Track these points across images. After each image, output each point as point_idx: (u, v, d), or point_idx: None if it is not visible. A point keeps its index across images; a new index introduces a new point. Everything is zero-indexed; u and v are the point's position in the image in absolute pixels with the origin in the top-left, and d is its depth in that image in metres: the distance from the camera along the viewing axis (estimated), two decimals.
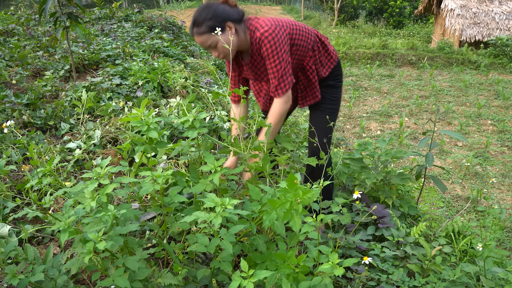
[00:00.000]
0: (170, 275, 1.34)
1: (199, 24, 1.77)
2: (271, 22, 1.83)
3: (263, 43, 1.79)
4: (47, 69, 4.29)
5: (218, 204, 1.21)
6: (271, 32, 1.78)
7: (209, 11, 1.76)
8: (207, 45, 1.81)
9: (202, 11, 1.78)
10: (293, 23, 1.94)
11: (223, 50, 1.81)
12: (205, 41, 1.79)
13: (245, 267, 1.14)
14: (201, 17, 1.77)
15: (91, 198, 1.19)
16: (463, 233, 2.31)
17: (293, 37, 1.90)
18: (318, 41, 2.05)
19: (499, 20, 11.77)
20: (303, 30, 1.96)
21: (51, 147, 2.51)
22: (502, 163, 5.50)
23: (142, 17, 7.56)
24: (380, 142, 2.38)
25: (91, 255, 1.10)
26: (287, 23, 1.90)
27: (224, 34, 1.77)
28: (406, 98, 8.28)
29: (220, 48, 1.81)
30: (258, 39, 1.81)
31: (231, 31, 1.79)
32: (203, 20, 1.76)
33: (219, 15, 1.77)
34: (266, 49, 1.80)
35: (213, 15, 1.76)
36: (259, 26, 1.82)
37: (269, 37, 1.78)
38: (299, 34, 1.92)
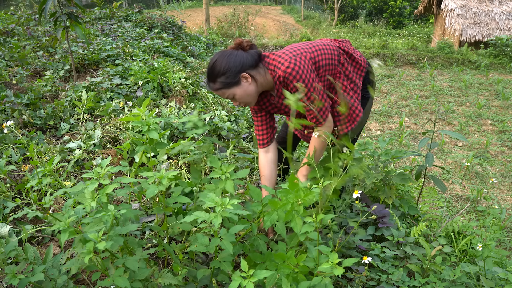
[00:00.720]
0: (170, 275, 1.34)
1: (213, 81, 1.69)
2: (289, 54, 1.70)
3: (288, 80, 1.67)
4: (47, 69, 4.29)
5: (218, 204, 1.21)
6: (293, 66, 1.65)
7: (221, 65, 1.66)
8: (224, 97, 1.76)
9: (214, 65, 1.68)
10: (311, 45, 1.81)
11: (242, 100, 1.74)
12: (221, 94, 1.72)
13: (245, 267, 1.15)
14: (214, 73, 1.68)
15: (91, 198, 1.19)
16: (463, 233, 2.31)
17: (316, 59, 1.77)
18: (342, 53, 1.90)
19: (499, 20, 11.77)
20: (324, 48, 1.82)
21: (51, 147, 2.51)
22: (502, 163, 5.50)
23: (142, 17, 7.56)
24: (380, 142, 2.38)
25: (91, 255, 1.10)
26: (305, 48, 1.77)
27: (240, 86, 1.69)
28: (406, 98, 8.28)
29: (239, 99, 1.73)
30: (282, 78, 1.69)
31: (248, 81, 1.69)
32: (215, 77, 1.67)
33: (231, 68, 1.66)
34: (294, 85, 1.68)
35: (225, 69, 1.66)
36: (278, 64, 1.69)
37: (293, 72, 1.65)
38: (321, 55, 1.79)
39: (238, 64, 1.67)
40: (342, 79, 1.87)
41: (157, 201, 2.06)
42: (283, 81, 1.69)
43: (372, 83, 2.03)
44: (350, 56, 1.93)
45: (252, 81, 1.70)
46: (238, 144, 3.14)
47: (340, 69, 1.88)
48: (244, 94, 1.71)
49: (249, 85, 1.70)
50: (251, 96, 1.74)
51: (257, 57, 1.73)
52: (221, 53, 1.70)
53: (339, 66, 1.87)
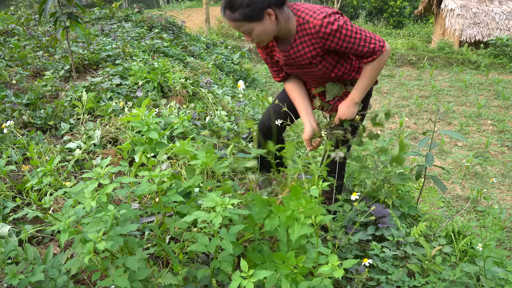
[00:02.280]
0: (170, 275, 1.34)
1: (233, 9, 1.54)
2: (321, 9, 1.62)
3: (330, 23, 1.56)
4: (47, 69, 4.29)
5: (218, 204, 1.21)
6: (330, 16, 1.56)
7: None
8: (239, 30, 1.62)
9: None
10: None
11: (258, 38, 1.63)
12: (237, 26, 1.59)
13: (245, 267, 1.14)
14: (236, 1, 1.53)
15: (91, 198, 1.19)
16: (463, 233, 2.31)
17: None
18: None
19: (499, 20, 11.77)
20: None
21: (51, 147, 2.51)
22: (502, 163, 5.50)
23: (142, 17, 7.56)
24: (380, 142, 2.37)
25: (91, 255, 1.10)
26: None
27: (262, 23, 1.57)
28: (406, 98, 8.28)
29: (255, 36, 1.62)
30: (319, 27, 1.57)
31: (271, 19, 1.58)
32: (237, 6, 1.52)
33: (259, 1, 1.52)
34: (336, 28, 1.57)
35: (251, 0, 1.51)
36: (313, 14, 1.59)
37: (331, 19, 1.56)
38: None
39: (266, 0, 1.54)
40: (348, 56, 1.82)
41: (157, 201, 2.06)
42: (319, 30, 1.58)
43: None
44: None
45: (275, 20, 1.60)
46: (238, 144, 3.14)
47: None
48: (263, 32, 1.60)
49: (271, 23, 1.59)
50: (269, 35, 1.63)
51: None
52: None
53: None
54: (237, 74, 6.65)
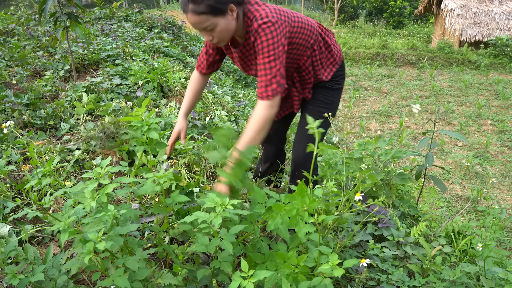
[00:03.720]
0: (170, 275, 1.34)
1: (198, 1, 1.46)
2: (273, 13, 1.58)
3: (259, 35, 1.55)
4: (47, 69, 4.29)
5: (218, 204, 1.21)
6: (271, 25, 1.54)
7: None
8: (201, 27, 1.53)
9: None
10: (296, 16, 1.70)
11: (220, 35, 1.56)
12: (201, 22, 1.50)
13: (245, 267, 1.14)
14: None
15: (91, 198, 1.19)
16: (463, 233, 2.31)
17: (293, 35, 1.68)
18: (320, 40, 1.83)
19: (499, 20, 11.77)
20: (306, 27, 1.73)
21: (51, 147, 2.51)
22: (502, 163, 5.50)
23: (142, 17, 7.56)
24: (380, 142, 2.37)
25: (91, 255, 1.10)
26: (290, 16, 1.66)
27: (225, 18, 1.51)
28: (406, 98, 8.28)
29: (217, 33, 1.55)
30: (254, 31, 1.56)
31: (233, 15, 1.54)
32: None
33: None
34: (261, 41, 1.55)
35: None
36: (258, 16, 1.56)
37: (267, 29, 1.53)
38: (300, 32, 1.70)
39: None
40: (309, 63, 1.81)
41: (157, 202, 2.06)
42: (254, 34, 1.57)
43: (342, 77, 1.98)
44: (327, 48, 1.87)
45: (236, 17, 1.56)
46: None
47: (310, 53, 1.80)
48: (225, 28, 1.54)
49: (232, 19, 1.54)
50: (229, 33, 1.58)
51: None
52: None
53: (310, 50, 1.79)
54: (237, 74, 6.65)
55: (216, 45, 1.74)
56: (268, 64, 1.57)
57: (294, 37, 1.68)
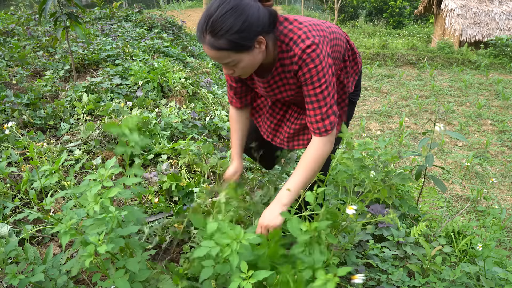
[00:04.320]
0: (170, 282, 1.32)
1: (217, 33, 1.17)
2: (312, 31, 1.29)
3: (305, 62, 1.28)
4: (47, 69, 4.29)
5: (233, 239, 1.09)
6: (315, 48, 1.26)
7: (238, 18, 1.16)
8: (221, 62, 1.28)
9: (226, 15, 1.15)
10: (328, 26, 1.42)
11: (243, 71, 1.32)
12: (221, 57, 1.24)
13: (244, 268, 1.13)
14: (223, 26, 1.16)
15: (94, 201, 1.18)
16: (463, 233, 2.31)
17: (332, 49, 1.38)
18: (349, 49, 1.56)
19: (499, 20, 11.77)
20: (339, 37, 1.45)
21: (51, 147, 2.51)
22: (502, 163, 5.50)
23: (142, 17, 7.57)
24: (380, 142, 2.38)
25: (91, 258, 1.09)
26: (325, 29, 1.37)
27: (251, 53, 1.25)
28: (406, 98, 8.28)
29: (239, 69, 1.30)
30: (297, 58, 1.28)
31: (261, 48, 1.26)
32: (226, 30, 1.16)
33: (252, 27, 1.19)
34: (309, 70, 1.28)
35: (243, 25, 1.17)
36: (296, 38, 1.28)
37: (313, 54, 1.26)
38: (336, 45, 1.41)
39: (260, 23, 1.20)
40: (342, 77, 1.54)
41: (156, 202, 2.06)
42: (296, 61, 1.29)
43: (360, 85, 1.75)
44: (353, 55, 1.59)
45: (264, 49, 1.28)
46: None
47: (343, 65, 1.54)
48: (250, 63, 1.28)
49: (260, 52, 1.27)
50: (254, 67, 1.32)
51: (274, 19, 1.29)
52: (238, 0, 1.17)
53: (343, 61, 1.53)
54: None
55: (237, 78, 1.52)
56: (321, 94, 1.32)
57: (333, 51, 1.40)
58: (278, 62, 1.35)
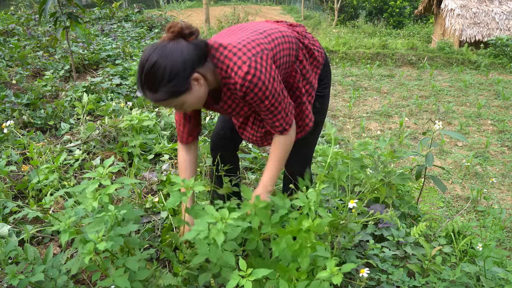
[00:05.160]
0: (170, 276, 1.33)
1: (154, 90, 1.24)
2: (247, 53, 1.31)
3: (249, 89, 1.32)
4: (47, 69, 4.29)
5: (219, 219, 1.15)
6: (254, 72, 1.29)
7: (165, 69, 1.21)
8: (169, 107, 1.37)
9: (154, 69, 1.21)
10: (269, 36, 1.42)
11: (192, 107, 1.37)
12: (165, 105, 1.32)
13: (244, 266, 1.14)
14: (155, 80, 1.22)
15: (92, 198, 1.18)
16: (463, 233, 2.31)
17: (276, 57, 1.41)
18: (302, 47, 1.57)
19: (499, 20, 11.77)
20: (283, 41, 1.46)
21: (51, 147, 2.51)
22: (502, 163, 5.50)
23: (142, 17, 7.57)
24: (380, 142, 2.38)
25: (91, 256, 1.10)
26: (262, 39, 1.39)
27: (191, 92, 1.29)
28: (406, 98, 8.28)
29: (188, 107, 1.36)
30: (239, 86, 1.32)
31: (200, 83, 1.30)
32: (158, 85, 1.22)
33: (180, 72, 1.23)
34: (255, 94, 1.34)
35: (172, 74, 1.22)
36: (233, 66, 1.31)
37: (254, 79, 1.30)
38: (281, 50, 1.43)
39: (188, 64, 1.24)
40: (298, 79, 1.56)
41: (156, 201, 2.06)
42: (240, 89, 1.33)
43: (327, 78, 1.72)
44: (309, 51, 1.59)
45: (203, 82, 1.32)
46: None
47: (297, 67, 1.55)
48: (195, 100, 1.33)
49: (200, 87, 1.31)
50: (201, 100, 1.37)
51: (205, 49, 1.32)
52: (159, 50, 1.22)
53: (296, 63, 1.54)
54: None
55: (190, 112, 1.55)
56: (272, 107, 1.40)
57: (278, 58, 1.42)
58: (224, 87, 1.40)
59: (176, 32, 1.25)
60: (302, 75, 1.58)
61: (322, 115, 1.76)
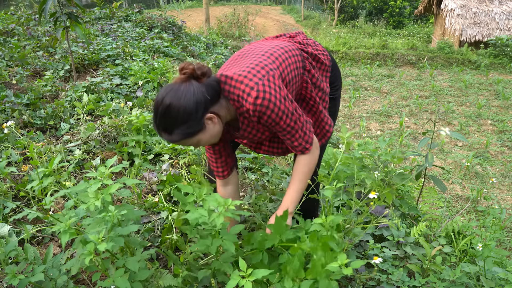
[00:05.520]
0: (170, 276, 1.33)
1: (168, 131, 1.28)
2: (253, 78, 1.32)
3: (261, 113, 1.33)
4: (47, 69, 4.29)
5: (221, 204, 1.20)
6: (263, 95, 1.30)
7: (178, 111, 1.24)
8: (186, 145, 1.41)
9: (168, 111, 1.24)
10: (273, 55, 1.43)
11: (208, 143, 1.40)
12: (183, 144, 1.37)
13: (244, 266, 1.14)
14: (169, 122, 1.26)
15: (95, 198, 1.19)
16: (463, 233, 2.31)
17: (283, 75, 1.41)
18: (306, 57, 1.57)
19: (499, 20, 11.77)
20: (288, 57, 1.46)
21: (51, 147, 2.51)
22: (502, 163, 5.50)
23: (142, 17, 7.57)
24: (380, 142, 2.38)
25: (91, 256, 1.09)
26: (268, 61, 1.39)
27: (206, 131, 1.32)
28: (406, 98, 8.28)
29: (204, 144, 1.39)
30: (252, 112, 1.34)
31: (214, 121, 1.32)
32: (172, 127, 1.26)
33: (193, 114, 1.25)
34: (268, 117, 1.34)
35: (185, 116, 1.24)
36: (242, 94, 1.33)
37: (265, 102, 1.31)
38: (287, 67, 1.44)
39: (200, 104, 1.26)
40: (310, 89, 1.56)
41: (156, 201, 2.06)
42: (253, 114, 1.35)
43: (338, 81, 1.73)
44: (314, 58, 1.60)
45: (217, 120, 1.34)
46: None
47: (307, 77, 1.56)
48: (210, 138, 1.36)
49: (215, 125, 1.34)
50: (216, 137, 1.40)
51: (217, 87, 1.35)
52: (172, 93, 1.25)
53: (305, 73, 1.55)
54: None
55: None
56: (289, 127, 1.40)
57: (286, 75, 1.43)
58: (240, 116, 1.42)
59: (188, 73, 1.28)
60: (313, 84, 1.58)
61: (334, 117, 1.76)
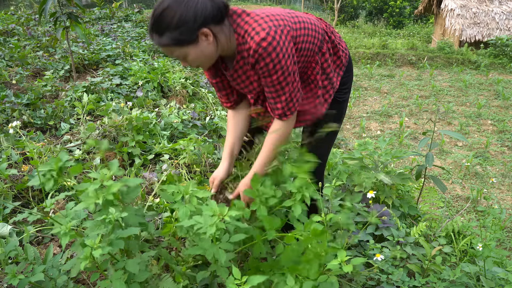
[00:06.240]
0: (170, 280, 1.32)
1: (160, 31, 1.24)
2: (268, 22, 1.28)
3: (261, 57, 1.28)
4: (47, 69, 4.29)
5: (216, 214, 1.17)
6: (271, 40, 1.26)
7: (174, 15, 1.21)
8: (171, 56, 1.35)
9: (164, 13, 1.22)
10: (296, 17, 1.39)
11: (194, 63, 1.35)
12: (168, 52, 1.31)
13: (238, 274, 1.12)
14: (162, 24, 1.22)
15: (95, 197, 1.17)
16: (463, 233, 2.31)
17: (297, 39, 1.37)
18: (327, 40, 1.52)
19: (499, 20, 11.77)
20: (309, 27, 1.41)
21: (51, 147, 2.51)
22: (502, 163, 5.50)
23: (142, 17, 7.57)
24: (380, 142, 2.38)
25: (87, 262, 1.08)
26: (288, 18, 1.35)
27: (197, 46, 1.27)
28: (406, 98, 8.28)
29: (192, 61, 1.33)
30: (252, 51, 1.29)
31: (208, 40, 1.28)
32: (164, 29, 1.23)
33: (189, 22, 1.21)
34: (266, 64, 1.30)
35: (180, 21, 1.21)
36: (251, 31, 1.29)
37: (269, 47, 1.26)
38: (304, 35, 1.39)
39: (199, 16, 1.22)
40: (317, 71, 1.50)
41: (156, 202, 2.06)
42: (252, 55, 1.30)
43: (349, 84, 1.68)
44: (334, 48, 1.55)
45: (213, 40, 1.29)
46: None
47: (319, 58, 1.50)
48: (200, 55, 1.30)
49: (208, 44, 1.29)
50: (207, 59, 1.34)
51: (224, 10, 1.29)
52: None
53: (319, 54, 1.49)
54: None
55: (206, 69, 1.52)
56: (279, 85, 1.35)
57: (299, 41, 1.38)
58: (238, 55, 1.38)
59: None
60: (323, 69, 1.53)
61: (338, 121, 1.67)
